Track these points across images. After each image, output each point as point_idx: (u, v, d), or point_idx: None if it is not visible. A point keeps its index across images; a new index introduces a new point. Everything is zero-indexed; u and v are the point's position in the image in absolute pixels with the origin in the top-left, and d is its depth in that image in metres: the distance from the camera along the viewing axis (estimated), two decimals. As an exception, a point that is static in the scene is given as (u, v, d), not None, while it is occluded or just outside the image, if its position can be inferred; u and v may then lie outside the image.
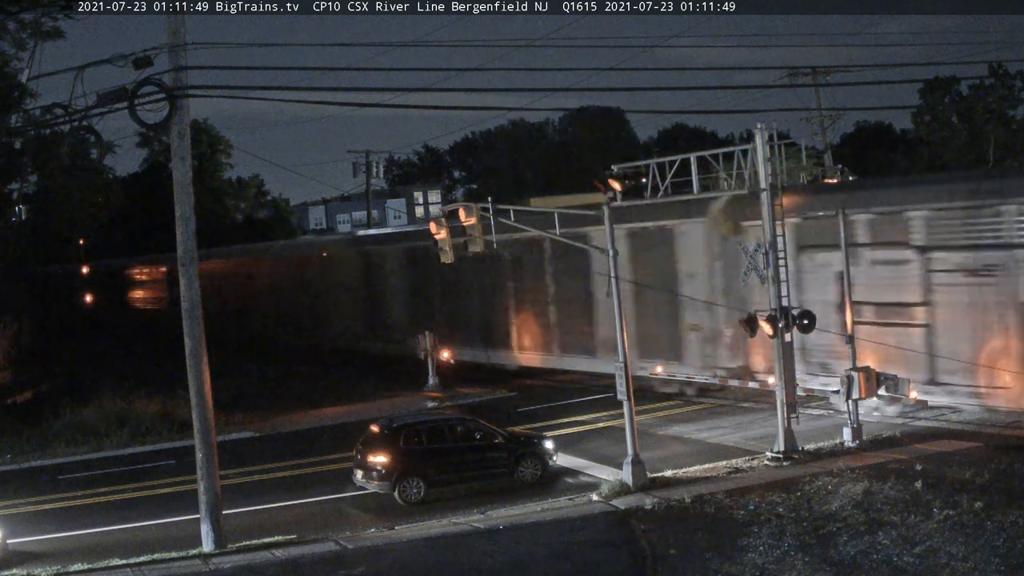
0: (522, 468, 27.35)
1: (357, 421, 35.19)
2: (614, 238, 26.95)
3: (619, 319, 26.39)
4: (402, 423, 28.06)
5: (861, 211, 30.78)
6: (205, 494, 23.14)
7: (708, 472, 26.61)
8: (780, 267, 27.59)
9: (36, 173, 43.68)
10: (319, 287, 60.70)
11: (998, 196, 28.08)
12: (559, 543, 22.07)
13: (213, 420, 23.53)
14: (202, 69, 23.16)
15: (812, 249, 32.17)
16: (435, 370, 42.99)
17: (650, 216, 36.49)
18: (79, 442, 35.87)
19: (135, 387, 41.48)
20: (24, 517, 26.77)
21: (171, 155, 23.69)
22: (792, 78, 60.73)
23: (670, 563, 20.76)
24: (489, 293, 46.04)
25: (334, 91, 24.54)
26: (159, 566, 22.12)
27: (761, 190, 27.84)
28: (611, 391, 27.26)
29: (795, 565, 19.98)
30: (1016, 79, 74.73)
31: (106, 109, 22.46)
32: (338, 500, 27.12)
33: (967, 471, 24.02)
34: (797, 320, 27.28)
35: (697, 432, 31.93)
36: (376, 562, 21.58)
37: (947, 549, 19.82)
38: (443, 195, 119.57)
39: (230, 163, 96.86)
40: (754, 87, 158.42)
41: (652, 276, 36.21)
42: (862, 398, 27.96)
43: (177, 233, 23.28)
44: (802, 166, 42.06)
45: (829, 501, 23.12)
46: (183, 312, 23.35)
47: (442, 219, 30.46)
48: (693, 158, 33.28)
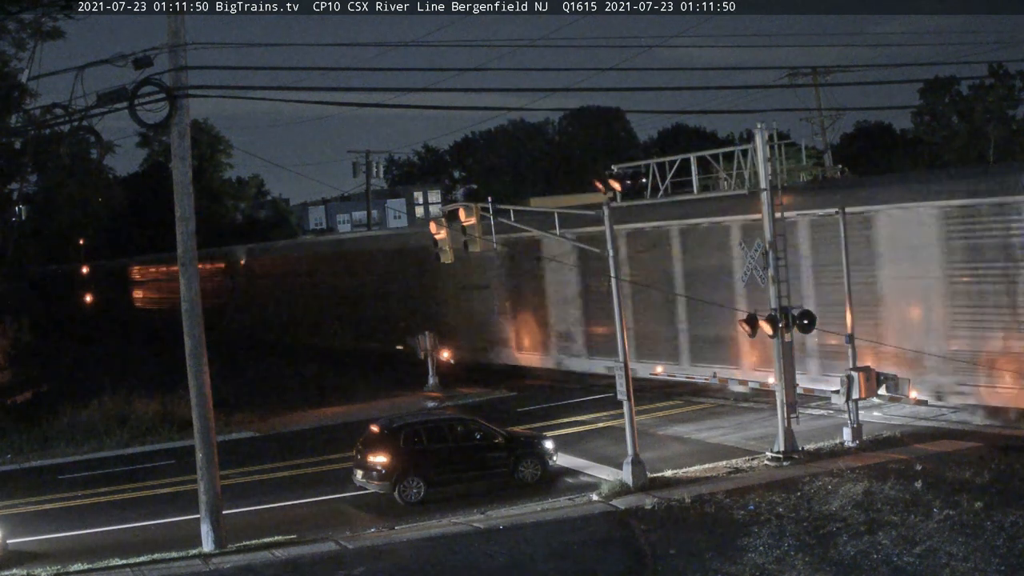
0: (522, 468, 27.35)
1: (357, 421, 35.19)
2: (614, 238, 26.96)
3: (619, 319, 26.39)
4: (402, 423, 28.06)
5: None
6: (205, 494, 23.14)
7: (708, 472, 26.61)
8: (780, 267, 27.59)
9: (36, 173, 43.72)
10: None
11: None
12: (559, 543, 22.07)
13: (213, 420, 23.53)
14: (202, 69, 23.20)
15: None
16: (435, 370, 43.01)
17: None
18: (79, 442, 35.89)
19: (135, 387, 41.48)
20: (24, 517, 26.77)
21: (171, 155, 23.69)
22: (792, 78, 60.77)
23: (670, 563, 20.77)
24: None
25: (334, 91, 24.51)
26: (159, 566, 22.12)
27: (761, 190, 27.84)
28: (611, 391, 27.27)
29: (795, 565, 19.98)
30: (1016, 79, 74.88)
31: (106, 109, 22.44)
32: (338, 500, 27.11)
33: (967, 471, 24.02)
34: (797, 320, 27.27)
35: (697, 432, 31.92)
36: (376, 562, 21.58)
37: (947, 549, 19.82)
38: (443, 195, 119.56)
39: (230, 163, 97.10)
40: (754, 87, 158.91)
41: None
42: (862, 398, 27.98)
43: (177, 233, 23.28)
44: (802, 166, 42.02)
45: (829, 501, 23.12)
46: (183, 312, 23.34)
47: (442, 219, 30.46)
48: (693, 158, 33.37)
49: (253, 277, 70.47)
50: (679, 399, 37.03)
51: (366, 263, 56.61)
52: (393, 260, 53.72)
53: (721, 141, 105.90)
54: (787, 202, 28.47)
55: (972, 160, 71.43)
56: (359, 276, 57.09)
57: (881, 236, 30.25)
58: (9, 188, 43.77)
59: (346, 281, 58.58)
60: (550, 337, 42.75)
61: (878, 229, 30.28)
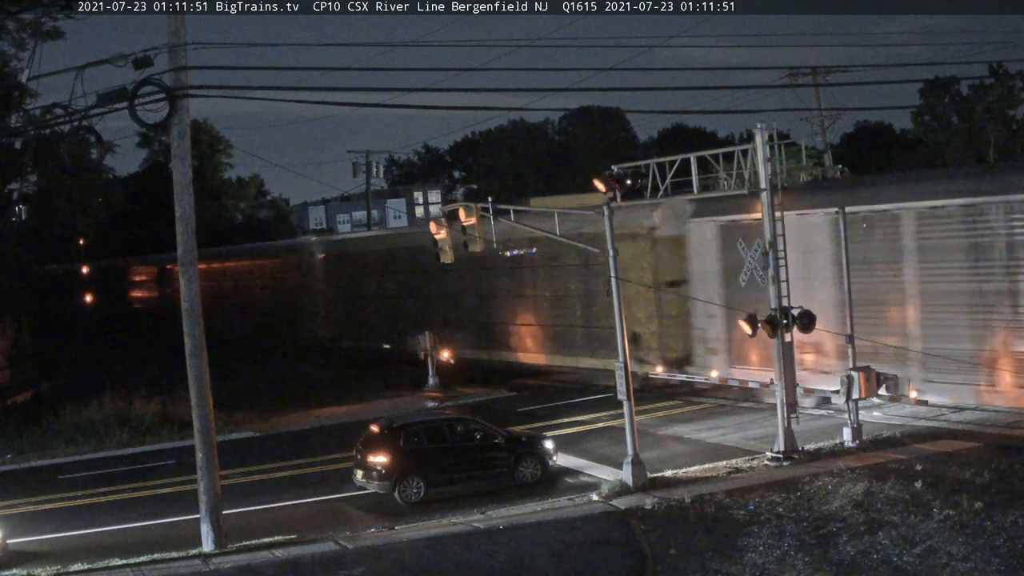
0: (522, 468, 27.34)
1: (357, 421, 35.19)
2: (613, 238, 26.95)
3: (619, 319, 26.38)
4: (402, 423, 28.06)
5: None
6: (205, 494, 23.14)
7: (708, 472, 26.60)
8: (780, 267, 27.59)
9: (36, 173, 43.62)
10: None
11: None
12: (559, 543, 22.06)
13: (213, 420, 23.53)
14: (202, 69, 23.20)
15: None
16: (435, 370, 43.01)
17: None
18: (79, 442, 35.88)
19: (135, 387, 41.49)
20: (24, 517, 26.77)
21: (171, 155, 23.69)
22: (792, 78, 60.83)
23: (670, 563, 20.77)
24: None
25: (334, 91, 24.41)
26: (159, 566, 22.12)
27: (761, 190, 27.84)
28: (611, 391, 27.27)
29: (795, 565, 19.98)
30: (1016, 79, 74.80)
31: (106, 109, 22.43)
32: (338, 500, 27.12)
33: (967, 471, 24.00)
34: (797, 320, 27.26)
35: (697, 432, 31.92)
36: (376, 562, 21.58)
37: (947, 549, 19.82)
38: (443, 195, 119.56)
39: (230, 163, 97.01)
40: (754, 87, 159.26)
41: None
42: (862, 398, 27.97)
43: (177, 233, 23.28)
44: (802, 166, 42.01)
45: (829, 501, 23.12)
46: (183, 312, 23.33)
47: (442, 219, 30.45)
48: (693, 158, 33.39)
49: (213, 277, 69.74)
50: (679, 399, 37.04)
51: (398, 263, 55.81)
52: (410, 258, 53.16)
53: (721, 141, 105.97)
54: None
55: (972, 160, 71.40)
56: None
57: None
58: (9, 188, 43.73)
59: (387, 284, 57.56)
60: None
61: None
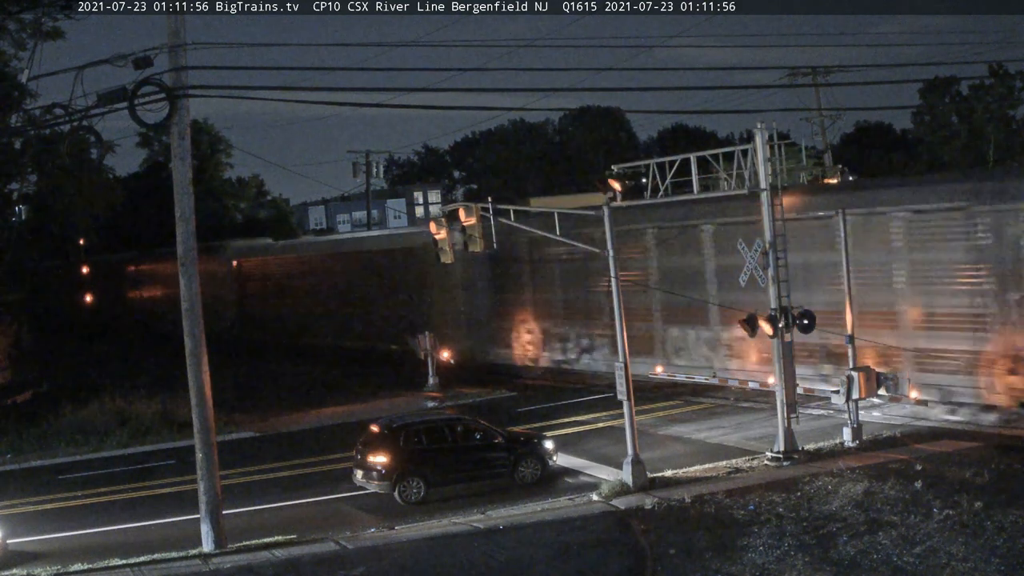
0: (522, 468, 27.34)
1: (357, 421, 35.19)
2: (612, 235, 26.94)
3: (619, 319, 26.39)
4: (402, 423, 28.05)
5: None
6: (205, 494, 23.13)
7: (708, 472, 26.60)
8: (780, 267, 27.59)
9: (36, 173, 43.63)
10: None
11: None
12: (559, 543, 22.06)
13: (213, 420, 23.53)
14: (202, 69, 23.20)
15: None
16: (435, 370, 43.00)
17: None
18: (79, 442, 35.88)
19: (135, 387, 41.50)
20: (24, 517, 26.76)
21: (171, 155, 23.68)
22: (792, 78, 60.81)
23: (670, 563, 20.77)
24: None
25: (334, 91, 24.49)
26: (159, 566, 22.12)
27: (761, 190, 27.83)
28: (611, 391, 27.27)
29: (795, 565, 19.99)
30: (1016, 79, 74.89)
31: (106, 109, 22.44)
32: (338, 500, 27.11)
33: (967, 471, 24.02)
34: (797, 320, 27.26)
35: (697, 432, 31.92)
36: (376, 562, 21.58)
37: (947, 549, 19.83)
38: (443, 195, 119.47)
39: (230, 163, 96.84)
40: (754, 87, 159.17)
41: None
42: (862, 398, 27.97)
43: (177, 233, 23.27)
44: (802, 166, 42.04)
45: (829, 501, 23.13)
46: (183, 312, 23.32)
47: (442, 219, 30.43)
48: (693, 158, 33.22)
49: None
50: (679, 399, 37.04)
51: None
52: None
53: (721, 141, 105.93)
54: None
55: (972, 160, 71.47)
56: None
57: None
58: (9, 188, 43.77)
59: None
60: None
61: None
